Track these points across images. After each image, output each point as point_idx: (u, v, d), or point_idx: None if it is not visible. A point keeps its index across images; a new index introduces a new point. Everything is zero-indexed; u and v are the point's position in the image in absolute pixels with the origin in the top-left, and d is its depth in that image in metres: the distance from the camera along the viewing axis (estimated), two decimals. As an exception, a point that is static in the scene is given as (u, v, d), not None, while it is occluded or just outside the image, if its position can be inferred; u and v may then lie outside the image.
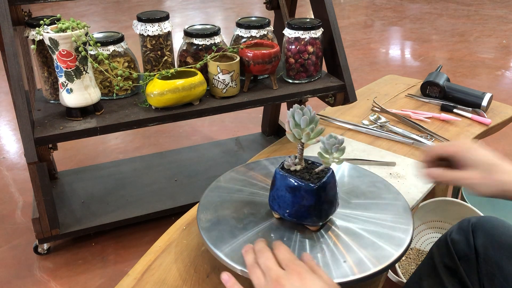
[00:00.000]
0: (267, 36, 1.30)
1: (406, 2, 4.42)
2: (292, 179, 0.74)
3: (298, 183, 0.73)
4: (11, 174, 1.79)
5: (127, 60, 1.19)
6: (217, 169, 1.59)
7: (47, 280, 1.31)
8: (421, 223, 1.31)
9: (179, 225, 0.94)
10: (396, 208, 0.82)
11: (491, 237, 0.77)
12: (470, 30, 3.53)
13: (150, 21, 1.17)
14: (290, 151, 1.26)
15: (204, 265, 0.83)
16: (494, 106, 1.45)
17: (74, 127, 1.07)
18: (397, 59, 3.07)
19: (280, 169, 0.76)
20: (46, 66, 1.16)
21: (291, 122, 0.73)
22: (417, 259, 1.29)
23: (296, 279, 0.60)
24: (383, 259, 0.71)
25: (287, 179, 0.74)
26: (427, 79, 1.50)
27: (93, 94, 1.08)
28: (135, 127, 1.11)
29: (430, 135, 1.28)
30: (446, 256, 0.81)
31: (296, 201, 0.74)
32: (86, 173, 1.59)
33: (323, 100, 1.33)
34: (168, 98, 1.09)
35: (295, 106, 0.73)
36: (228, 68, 1.13)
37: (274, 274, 0.61)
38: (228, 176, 0.92)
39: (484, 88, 2.32)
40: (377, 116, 1.37)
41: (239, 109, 1.19)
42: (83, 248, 1.42)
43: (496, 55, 3.01)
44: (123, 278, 0.82)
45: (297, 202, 0.74)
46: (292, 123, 0.73)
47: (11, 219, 1.55)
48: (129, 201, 1.44)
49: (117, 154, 1.93)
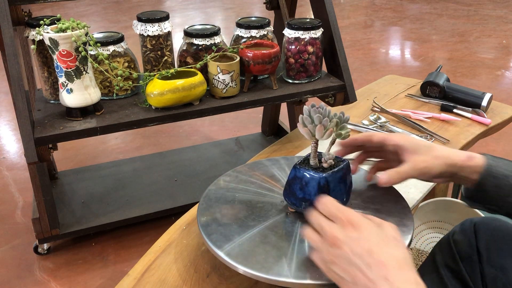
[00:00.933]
0: (267, 36, 1.30)
1: (406, 2, 4.42)
2: (304, 170, 0.74)
3: (309, 174, 0.74)
4: (11, 174, 1.79)
5: (127, 60, 1.19)
6: (217, 169, 1.59)
7: (47, 280, 1.31)
8: (421, 223, 1.31)
9: (179, 225, 0.94)
10: (396, 208, 0.82)
11: (493, 238, 0.77)
12: (470, 30, 3.53)
13: (150, 21, 1.17)
14: (290, 151, 1.26)
15: (204, 265, 0.83)
16: (494, 106, 1.45)
17: (74, 127, 1.07)
18: (397, 59, 3.07)
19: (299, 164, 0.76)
20: (46, 66, 1.16)
21: (305, 119, 0.73)
22: (417, 259, 1.28)
23: (351, 230, 0.60)
24: (383, 259, 0.71)
25: (296, 170, 0.75)
26: (427, 79, 1.50)
27: (93, 94, 1.08)
28: (135, 127, 1.11)
29: (430, 135, 1.28)
30: (448, 257, 0.81)
31: (308, 191, 0.74)
32: (86, 173, 1.59)
33: (323, 100, 1.33)
34: (168, 98, 1.09)
35: (311, 104, 0.73)
36: (228, 68, 1.13)
37: (328, 231, 0.61)
38: (228, 176, 0.92)
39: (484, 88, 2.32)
40: (377, 116, 1.37)
41: (239, 109, 1.19)
42: (83, 248, 1.42)
43: (496, 55, 3.01)
44: (123, 278, 0.82)
45: (307, 193, 0.74)
46: (308, 120, 0.73)
47: (11, 219, 1.55)
48: (129, 201, 1.44)
49: (117, 154, 1.93)
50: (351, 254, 0.58)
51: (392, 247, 0.59)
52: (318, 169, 0.74)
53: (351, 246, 0.59)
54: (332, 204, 0.64)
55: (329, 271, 0.61)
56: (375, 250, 0.58)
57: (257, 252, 0.72)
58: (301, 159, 0.77)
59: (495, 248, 0.76)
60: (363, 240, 0.59)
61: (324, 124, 0.71)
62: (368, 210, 0.82)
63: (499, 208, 0.73)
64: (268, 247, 0.72)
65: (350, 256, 0.58)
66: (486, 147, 1.89)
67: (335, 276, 0.61)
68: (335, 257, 0.60)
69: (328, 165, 0.75)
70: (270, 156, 1.22)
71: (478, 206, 0.77)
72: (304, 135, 0.73)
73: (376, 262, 0.57)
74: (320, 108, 0.72)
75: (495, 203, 0.73)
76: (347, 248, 0.59)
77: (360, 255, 0.58)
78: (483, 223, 0.80)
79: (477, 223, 0.80)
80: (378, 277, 0.56)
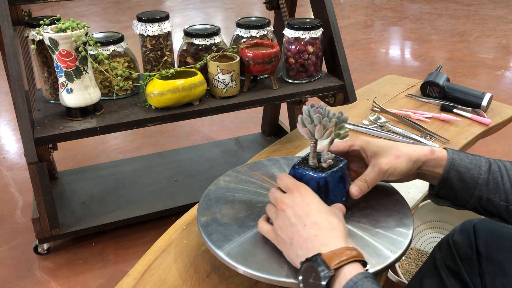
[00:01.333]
0: (267, 36, 1.30)
1: (406, 2, 4.42)
2: (302, 170, 0.74)
3: (308, 174, 0.74)
4: (11, 174, 1.79)
5: (127, 60, 1.19)
6: (217, 169, 1.59)
7: (47, 280, 1.31)
8: (421, 223, 1.31)
9: (179, 225, 0.94)
10: (396, 208, 0.82)
11: (493, 239, 0.77)
12: (470, 30, 3.53)
13: (150, 21, 1.17)
14: (290, 151, 1.26)
15: (204, 265, 0.83)
16: (494, 106, 1.45)
17: (74, 127, 1.07)
18: (397, 59, 3.07)
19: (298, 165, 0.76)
20: (46, 66, 1.16)
21: (305, 119, 0.73)
22: (417, 259, 1.28)
23: (297, 196, 0.67)
24: (383, 259, 0.71)
25: (295, 170, 0.75)
26: (427, 79, 1.50)
27: (93, 94, 1.08)
28: (135, 127, 1.11)
29: (430, 135, 1.28)
30: (448, 258, 0.81)
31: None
32: (86, 173, 1.59)
33: (323, 100, 1.33)
34: (168, 98, 1.09)
35: (310, 104, 0.73)
36: (228, 68, 1.13)
37: (279, 199, 0.68)
38: (228, 176, 0.92)
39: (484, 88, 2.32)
40: (377, 116, 1.37)
41: (239, 109, 1.19)
42: (83, 248, 1.42)
43: (496, 55, 3.01)
44: (123, 278, 0.82)
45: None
46: (308, 120, 0.73)
47: (11, 219, 1.55)
48: (129, 201, 1.44)
49: (117, 154, 1.93)
50: (292, 216, 0.65)
51: (330, 214, 0.65)
52: (317, 169, 0.74)
53: (294, 208, 0.66)
54: (288, 179, 0.71)
55: (277, 238, 0.67)
56: (313, 212, 0.65)
57: (257, 252, 0.72)
58: (300, 159, 0.77)
59: (495, 248, 0.76)
60: (305, 203, 0.66)
61: (324, 124, 0.71)
62: (368, 210, 0.82)
63: (466, 203, 0.74)
64: (268, 247, 0.72)
65: (291, 218, 0.65)
66: (486, 147, 1.89)
67: (280, 243, 0.67)
68: (281, 220, 0.66)
69: (328, 165, 0.75)
70: (270, 156, 1.22)
71: (445, 203, 0.77)
72: (303, 135, 0.73)
73: (311, 222, 0.64)
74: (319, 108, 0.72)
75: (462, 197, 0.73)
76: (290, 210, 0.66)
77: (299, 216, 0.65)
78: (482, 224, 0.80)
79: (477, 224, 0.80)
80: (310, 234, 0.62)
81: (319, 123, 0.71)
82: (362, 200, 0.85)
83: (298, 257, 0.62)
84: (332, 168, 0.74)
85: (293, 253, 0.64)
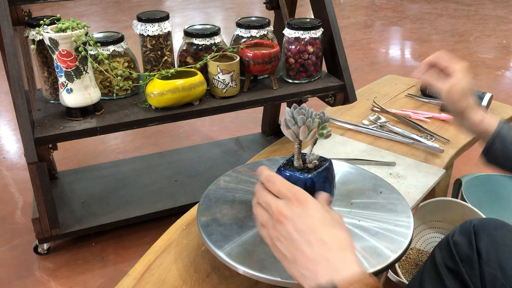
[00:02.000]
0: (267, 36, 1.30)
1: (406, 2, 4.42)
2: (288, 172, 0.74)
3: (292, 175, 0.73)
4: (11, 174, 1.79)
5: (127, 60, 1.19)
6: (217, 169, 1.58)
7: (47, 280, 1.31)
8: (421, 223, 1.31)
9: (179, 225, 0.94)
10: (396, 208, 0.82)
11: (493, 239, 0.77)
12: (470, 30, 3.53)
13: (150, 21, 1.17)
14: (290, 151, 1.26)
15: (204, 265, 0.83)
16: (494, 106, 1.45)
17: (74, 127, 1.07)
18: (397, 59, 3.07)
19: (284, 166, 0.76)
20: (46, 66, 1.16)
21: (289, 121, 0.73)
22: (417, 259, 1.28)
23: (297, 206, 0.59)
24: (383, 259, 0.71)
25: (281, 172, 0.74)
26: (427, 79, 1.50)
27: (93, 94, 1.08)
28: (135, 127, 1.11)
29: (430, 135, 1.28)
30: (448, 258, 0.81)
31: None
32: (86, 173, 1.59)
33: (323, 100, 1.33)
34: (168, 98, 1.09)
35: (293, 105, 0.73)
36: (228, 68, 1.13)
37: (274, 207, 0.60)
38: (228, 176, 0.92)
39: (484, 88, 2.33)
40: (377, 116, 1.37)
41: (239, 109, 1.19)
42: (83, 248, 1.42)
43: (496, 55, 3.01)
44: (123, 278, 0.82)
45: None
46: (291, 122, 0.73)
47: (11, 219, 1.55)
48: (129, 201, 1.44)
49: (117, 154, 1.93)
50: (293, 231, 0.57)
51: (336, 227, 0.58)
52: (303, 170, 0.74)
53: (294, 222, 0.58)
54: (280, 182, 0.62)
55: (274, 248, 0.60)
56: (318, 227, 0.57)
57: (257, 252, 0.72)
58: (285, 160, 0.77)
59: (495, 249, 0.76)
60: (307, 216, 0.58)
61: (308, 124, 0.70)
62: (368, 210, 0.82)
63: None
64: (268, 247, 0.72)
65: (292, 233, 0.57)
66: (486, 147, 1.89)
67: (279, 253, 0.60)
68: (279, 233, 0.59)
69: (313, 166, 0.74)
70: (270, 156, 1.22)
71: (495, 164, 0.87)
72: (288, 137, 0.73)
73: (317, 240, 0.56)
74: (302, 109, 0.71)
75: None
76: (290, 224, 0.58)
77: (302, 232, 0.57)
78: (482, 224, 0.80)
79: (477, 224, 0.81)
80: (318, 256, 0.55)
81: (303, 124, 0.71)
82: (362, 200, 0.85)
83: (305, 278, 0.57)
84: (318, 169, 0.74)
85: (297, 272, 0.58)
